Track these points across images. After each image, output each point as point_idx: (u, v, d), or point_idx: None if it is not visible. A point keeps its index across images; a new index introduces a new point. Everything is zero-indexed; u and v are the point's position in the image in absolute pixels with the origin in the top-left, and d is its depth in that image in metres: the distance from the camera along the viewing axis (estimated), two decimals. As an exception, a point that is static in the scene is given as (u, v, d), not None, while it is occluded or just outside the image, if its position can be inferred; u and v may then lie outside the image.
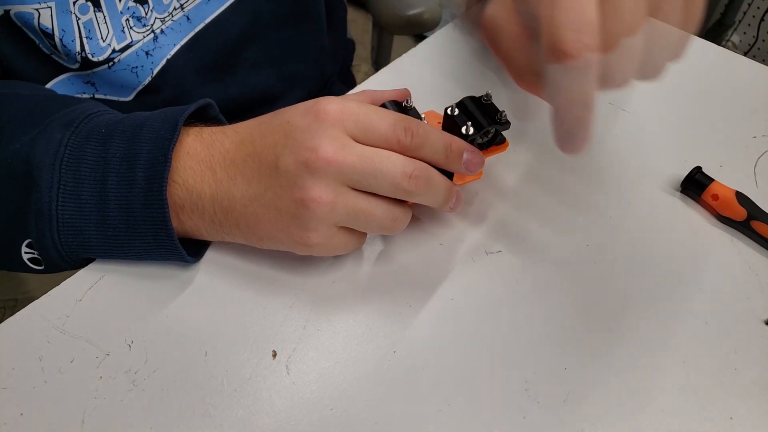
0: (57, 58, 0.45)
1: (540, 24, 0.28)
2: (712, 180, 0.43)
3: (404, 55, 0.54)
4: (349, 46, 0.75)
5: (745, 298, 0.39)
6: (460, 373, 0.34)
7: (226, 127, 0.37)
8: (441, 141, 0.35)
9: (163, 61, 0.48)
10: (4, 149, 0.35)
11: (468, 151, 0.36)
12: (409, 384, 0.34)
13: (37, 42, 0.43)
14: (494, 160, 0.45)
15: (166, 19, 0.48)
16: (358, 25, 1.69)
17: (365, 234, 0.38)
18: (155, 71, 0.48)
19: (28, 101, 0.38)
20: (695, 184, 0.43)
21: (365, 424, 0.32)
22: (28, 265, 0.36)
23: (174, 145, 0.34)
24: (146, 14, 0.46)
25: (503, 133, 0.40)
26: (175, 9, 0.48)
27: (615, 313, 0.37)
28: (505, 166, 0.45)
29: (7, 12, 0.41)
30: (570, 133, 0.30)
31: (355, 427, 0.32)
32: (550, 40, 0.27)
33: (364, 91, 0.41)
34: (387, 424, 0.32)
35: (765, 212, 0.41)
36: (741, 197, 0.41)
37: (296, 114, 0.34)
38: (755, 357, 0.36)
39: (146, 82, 0.48)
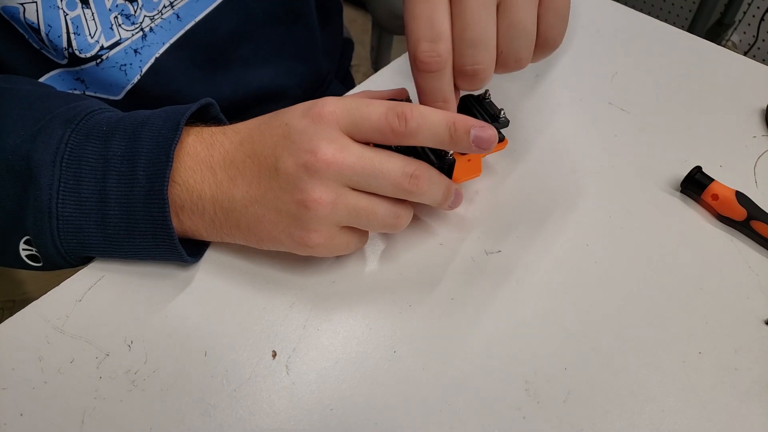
0: (47, 53, 0.44)
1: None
2: (712, 180, 0.43)
3: (404, 54, 0.54)
4: (347, 46, 0.75)
5: (745, 298, 0.39)
6: (460, 373, 0.34)
7: (225, 127, 0.37)
8: (443, 121, 0.33)
9: (152, 60, 0.48)
10: (4, 143, 0.35)
11: (476, 127, 0.33)
12: (409, 384, 0.34)
13: (27, 37, 0.43)
14: (494, 158, 0.45)
15: (156, 17, 0.48)
16: (358, 25, 1.69)
17: (367, 234, 0.38)
18: (144, 69, 0.48)
19: (28, 96, 0.38)
20: (695, 184, 0.43)
21: (365, 424, 0.32)
22: (25, 261, 0.36)
23: (176, 145, 0.34)
24: (135, 12, 0.46)
25: (502, 131, 0.40)
26: (164, 7, 0.48)
27: (615, 312, 0.37)
28: (505, 164, 0.45)
29: None
30: None
31: (355, 427, 0.32)
32: (410, 50, 0.34)
33: (361, 92, 0.41)
34: (387, 424, 0.32)
35: (765, 212, 0.41)
36: (741, 197, 0.41)
37: (294, 116, 0.34)
38: (755, 357, 0.36)
39: (135, 80, 0.48)
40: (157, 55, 0.49)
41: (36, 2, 0.41)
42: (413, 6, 0.33)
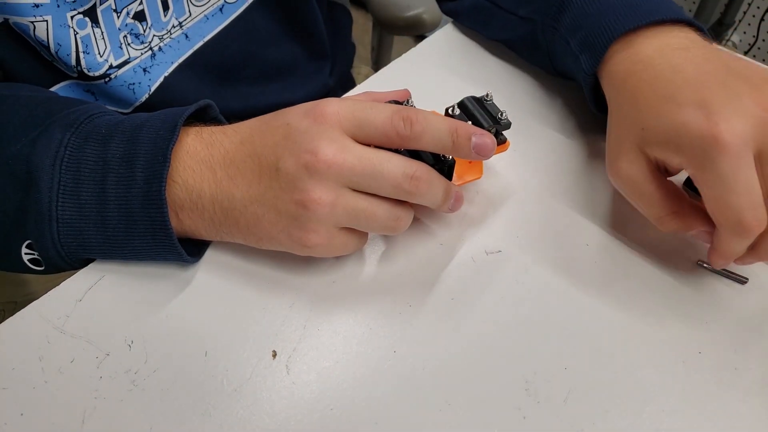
0: (58, 65, 0.45)
1: (708, 201, 0.34)
2: (712, 180, 0.43)
3: (404, 55, 0.54)
4: (350, 50, 0.75)
5: (744, 298, 0.39)
6: (460, 373, 0.34)
7: (226, 127, 0.37)
8: (445, 127, 0.34)
9: (161, 79, 0.48)
10: (5, 150, 0.35)
11: (477, 135, 0.34)
12: (409, 384, 0.34)
13: (38, 49, 0.43)
14: (495, 158, 0.45)
15: (165, 36, 0.48)
16: (358, 25, 1.69)
17: (366, 235, 0.38)
18: (153, 88, 0.48)
19: (29, 102, 0.38)
20: (695, 184, 0.43)
21: (365, 424, 0.32)
22: (28, 265, 0.36)
23: (173, 144, 0.34)
24: (144, 31, 0.46)
25: (504, 132, 0.40)
26: (173, 27, 0.48)
27: (614, 312, 0.37)
28: (506, 166, 0.45)
29: (6, 20, 0.41)
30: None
31: (355, 427, 0.32)
32: (732, 220, 0.33)
33: (364, 93, 0.41)
34: (387, 424, 0.32)
35: (765, 212, 0.41)
36: (741, 197, 0.41)
37: (296, 116, 0.34)
38: (755, 357, 0.36)
39: (143, 99, 0.48)
40: (166, 74, 0.49)
41: (46, 21, 0.41)
42: (727, 167, 0.32)
